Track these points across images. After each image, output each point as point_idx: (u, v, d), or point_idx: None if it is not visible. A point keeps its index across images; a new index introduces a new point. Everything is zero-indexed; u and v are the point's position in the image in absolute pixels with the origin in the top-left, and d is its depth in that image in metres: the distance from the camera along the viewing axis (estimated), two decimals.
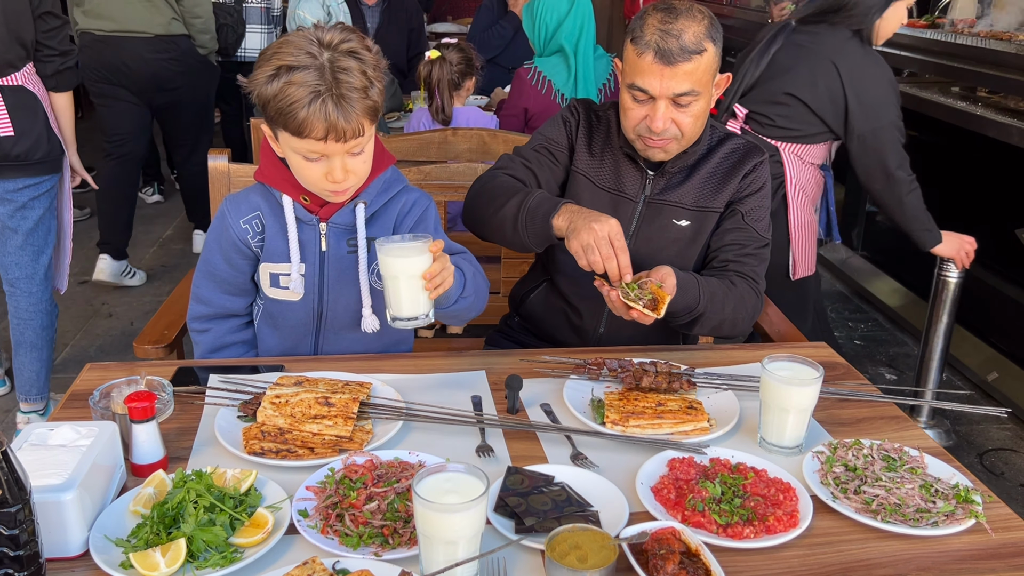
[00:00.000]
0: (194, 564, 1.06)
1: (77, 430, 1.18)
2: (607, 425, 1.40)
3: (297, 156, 1.45)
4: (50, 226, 2.76)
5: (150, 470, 1.23)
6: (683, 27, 1.55)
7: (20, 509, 0.97)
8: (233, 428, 1.37)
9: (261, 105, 1.42)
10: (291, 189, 1.56)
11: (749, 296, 1.71)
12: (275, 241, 1.59)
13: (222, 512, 1.11)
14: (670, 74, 1.56)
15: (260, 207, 1.60)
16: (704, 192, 1.75)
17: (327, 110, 1.36)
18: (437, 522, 1.01)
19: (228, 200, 1.61)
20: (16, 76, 2.54)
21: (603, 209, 1.71)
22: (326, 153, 1.42)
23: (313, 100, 1.36)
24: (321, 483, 1.22)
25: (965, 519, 1.20)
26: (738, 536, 1.14)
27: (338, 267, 1.61)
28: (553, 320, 1.89)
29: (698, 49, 1.56)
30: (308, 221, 1.58)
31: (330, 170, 1.44)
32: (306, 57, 1.38)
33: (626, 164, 1.76)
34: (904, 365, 3.58)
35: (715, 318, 1.65)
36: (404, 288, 1.39)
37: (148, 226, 5.01)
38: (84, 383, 1.51)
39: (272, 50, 1.42)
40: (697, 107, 1.62)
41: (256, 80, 1.41)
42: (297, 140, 1.41)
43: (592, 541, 1.04)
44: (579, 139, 1.80)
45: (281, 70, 1.38)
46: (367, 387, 1.47)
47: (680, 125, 1.63)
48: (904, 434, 1.44)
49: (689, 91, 1.58)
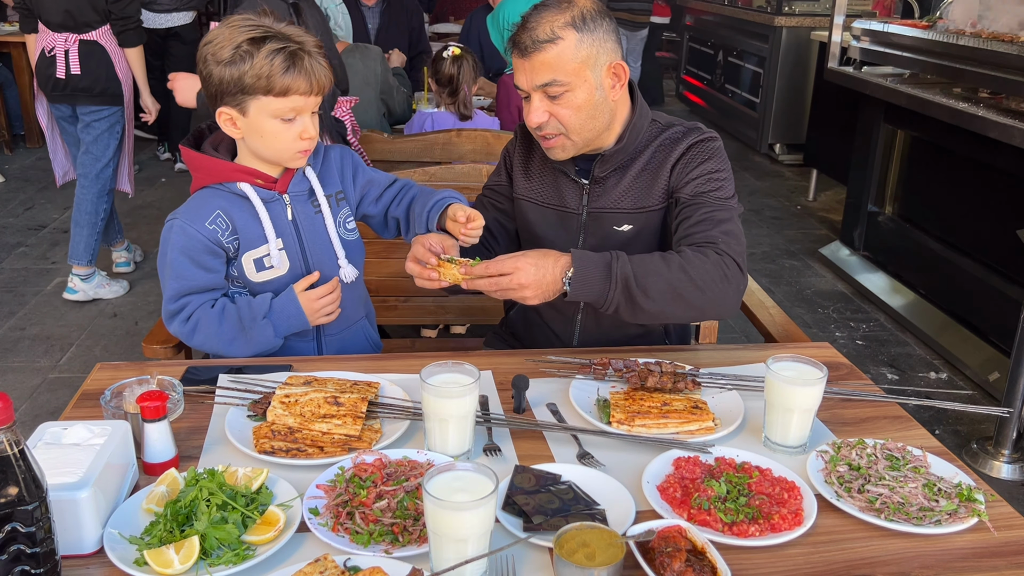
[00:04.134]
0: (207, 561, 1.07)
1: (90, 429, 1.19)
2: (613, 425, 1.41)
3: (273, 121, 1.56)
4: (108, 143, 3.82)
5: (162, 468, 1.25)
6: (541, 19, 1.58)
7: (37, 507, 0.98)
8: (243, 427, 1.39)
9: (228, 83, 1.53)
10: (241, 177, 1.64)
11: (700, 259, 1.53)
12: (247, 229, 1.65)
13: (234, 510, 1.13)
14: (528, 67, 1.60)
15: (218, 206, 1.64)
16: (639, 192, 1.71)
17: (305, 65, 1.53)
18: (447, 520, 1.02)
19: (178, 216, 1.63)
20: (92, 34, 3.65)
21: (551, 224, 1.78)
22: (302, 110, 1.57)
23: (293, 60, 1.52)
24: (331, 481, 1.23)
25: (968, 518, 1.21)
26: (743, 534, 1.15)
27: (310, 230, 1.71)
28: (533, 332, 1.91)
29: (550, 38, 1.56)
30: (271, 198, 1.67)
31: (304, 127, 1.58)
32: (261, 31, 1.53)
33: (562, 178, 1.77)
34: (905, 365, 3.60)
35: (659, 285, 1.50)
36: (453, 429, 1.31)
37: (153, 225, 5.03)
38: (95, 383, 1.53)
39: (220, 37, 1.53)
40: (573, 99, 1.60)
41: (218, 63, 1.52)
42: (280, 101, 1.54)
43: (600, 539, 1.06)
44: (515, 168, 1.84)
45: (243, 44, 1.51)
46: (375, 387, 1.48)
47: (560, 119, 1.62)
48: (907, 434, 1.45)
49: (551, 81, 1.58)
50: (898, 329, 3.94)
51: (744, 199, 5.77)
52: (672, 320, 1.64)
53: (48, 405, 3.11)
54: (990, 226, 3.58)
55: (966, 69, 3.50)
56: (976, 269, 3.64)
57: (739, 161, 6.66)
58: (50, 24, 3.62)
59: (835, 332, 3.90)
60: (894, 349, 3.75)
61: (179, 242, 1.62)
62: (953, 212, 3.89)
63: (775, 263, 4.74)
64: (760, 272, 4.56)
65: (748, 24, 6.93)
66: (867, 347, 3.75)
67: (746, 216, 5.44)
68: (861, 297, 4.29)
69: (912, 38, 3.89)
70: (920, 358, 3.67)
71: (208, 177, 1.65)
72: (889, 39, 4.11)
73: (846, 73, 4.42)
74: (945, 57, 3.66)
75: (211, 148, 1.68)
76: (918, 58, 3.87)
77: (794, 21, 6.37)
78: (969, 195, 3.76)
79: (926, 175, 4.17)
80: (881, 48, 4.18)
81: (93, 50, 3.65)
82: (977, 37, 3.46)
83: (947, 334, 3.71)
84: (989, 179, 3.57)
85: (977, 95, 3.59)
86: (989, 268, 3.57)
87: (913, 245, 4.12)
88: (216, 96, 1.57)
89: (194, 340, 1.65)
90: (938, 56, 3.71)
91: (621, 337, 1.81)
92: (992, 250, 3.57)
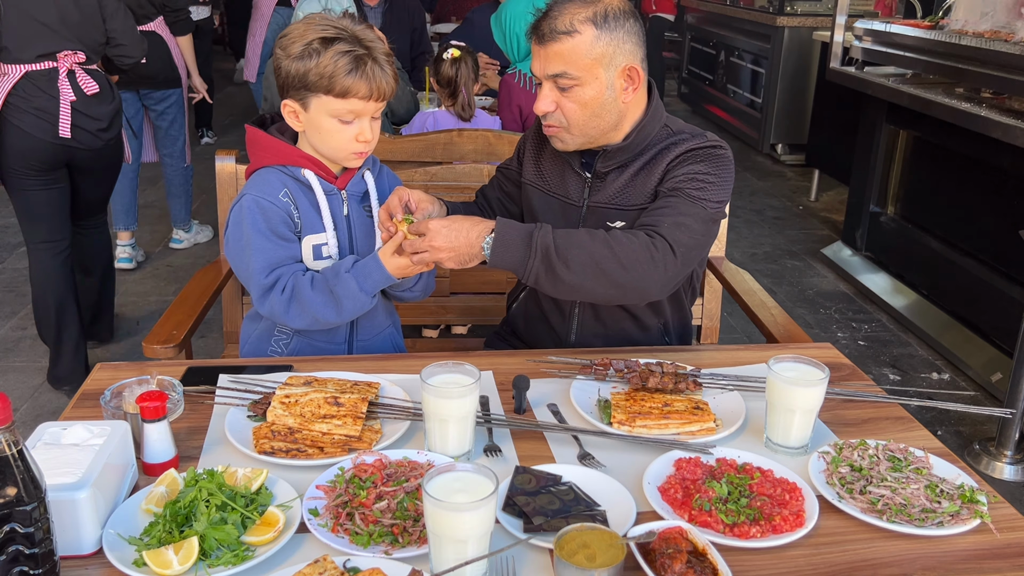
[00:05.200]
0: (206, 562, 1.07)
1: (90, 429, 1.19)
2: (614, 425, 1.41)
3: (332, 120, 1.59)
4: (180, 122, 4.37)
5: (161, 469, 1.25)
6: (564, 10, 1.59)
7: (36, 507, 0.98)
8: (243, 428, 1.38)
9: (294, 77, 1.56)
10: (306, 164, 1.66)
11: (628, 238, 1.54)
12: (307, 214, 1.67)
13: (234, 511, 1.12)
14: (543, 54, 1.61)
15: (286, 184, 1.65)
16: (634, 190, 1.71)
17: (368, 70, 1.55)
18: (447, 521, 1.02)
19: (248, 191, 1.64)
20: (150, 25, 4.01)
21: (554, 213, 1.80)
22: (362, 114, 1.59)
23: (357, 63, 1.55)
24: (331, 482, 1.23)
25: (970, 519, 1.20)
26: (745, 535, 1.15)
27: (361, 230, 1.74)
28: (533, 327, 1.92)
29: (568, 30, 1.57)
30: (330, 191, 1.69)
31: (361, 131, 1.61)
32: (334, 31, 1.56)
33: (568, 170, 1.78)
34: (907, 365, 3.59)
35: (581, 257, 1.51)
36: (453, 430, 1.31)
37: (154, 226, 5.03)
38: (95, 383, 1.53)
39: (296, 31, 1.58)
40: (581, 94, 1.61)
41: (288, 56, 1.56)
42: (340, 102, 1.56)
43: (600, 540, 1.05)
44: (527, 154, 1.87)
45: (315, 43, 1.54)
46: (375, 387, 1.48)
47: (565, 111, 1.63)
48: (909, 435, 1.45)
49: (562, 72, 1.59)
50: (900, 329, 3.94)
51: (746, 199, 5.78)
52: (593, 297, 1.61)
53: (49, 405, 3.11)
54: (992, 226, 3.57)
55: (968, 69, 3.49)
56: (979, 270, 3.63)
57: (741, 161, 6.65)
58: None
59: (837, 332, 3.89)
60: (896, 350, 3.74)
61: (254, 217, 1.61)
62: (955, 212, 3.88)
63: (777, 263, 4.73)
64: (762, 272, 4.56)
65: (750, 24, 6.93)
66: (869, 347, 3.75)
67: (748, 216, 5.45)
68: (863, 297, 4.29)
69: (914, 38, 3.88)
70: (922, 359, 3.66)
71: (273, 158, 1.66)
72: (891, 39, 4.10)
73: (848, 73, 4.41)
74: (947, 57, 3.65)
75: (277, 132, 1.70)
76: (920, 58, 3.86)
77: (796, 21, 6.36)
78: (972, 195, 3.75)
79: (928, 175, 4.16)
80: (883, 48, 4.18)
81: (152, 39, 3.87)
82: (980, 37, 3.45)
83: (949, 335, 3.70)
84: (992, 179, 3.57)
85: (980, 95, 3.58)
86: (992, 268, 3.57)
87: (915, 245, 4.11)
88: (283, 88, 1.61)
89: (290, 312, 1.61)
90: (940, 56, 3.71)
91: (619, 334, 1.81)
92: (994, 251, 3.57)
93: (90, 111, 2.89)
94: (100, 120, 2.93)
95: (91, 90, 2.88)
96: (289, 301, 1.60)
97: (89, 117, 2.89)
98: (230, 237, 1.65)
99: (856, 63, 4.42)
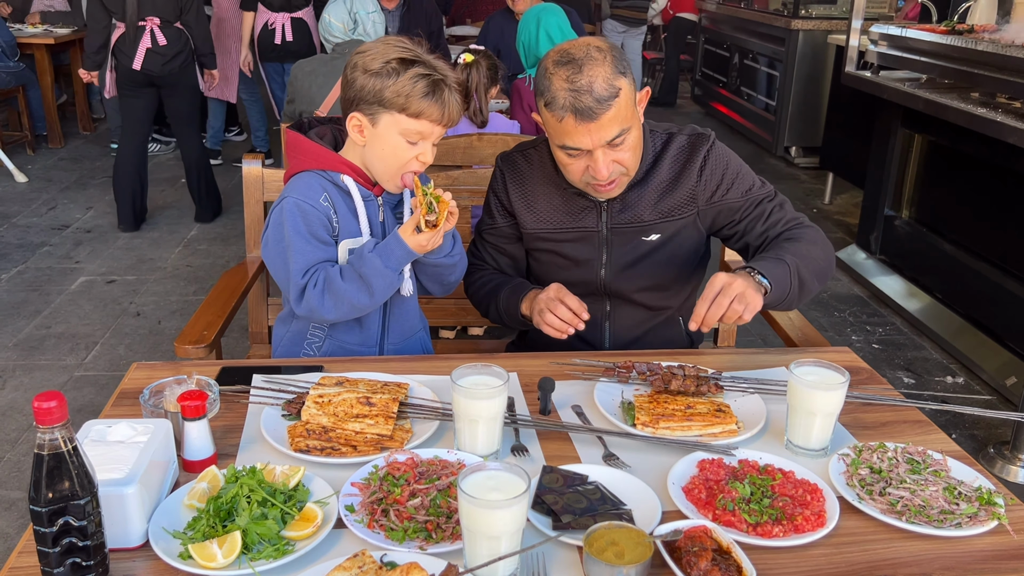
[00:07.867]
0: (249, 556, 1.11)
1: (134, 427, 1.23)
2: (638, 427, 1.44)
3: (400, 139, 1.63)
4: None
5: (202, 466, 1.29)
6: (591, 78, 1.55)
7: (88, 501, 1.02)
8: (278, 426, 1.42)
9: (368, 92, 1.60)
10: (346, 170, 1.70)
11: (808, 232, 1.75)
12: (344, 219, 1.71)
13: (274, 507, 1.16)
14: (596, 128, 1.58)
15: (326, 188, 1.69)
16: (663, 201, 1.76)
17: (443, 96, 1.61)
18: (481, 518, 1.05)
19: (289, 194, 1.67)
20: (299, 12, 5.38)
21: (573, 247, 1.81)
22: (428, 136, 1.64)
23: (434, 88, 1.60)
24: (365, 479, 1.27)
25: (988, 521, 1.23)
26: (768, 535, 1.18)
27: None
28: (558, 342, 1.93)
29: (612, 94, 1.56)
30: (368, 197, 1.73)
31: (423, 152, 1.65)
32: (412, 55, 1.61)
33: (575, 200, 1.80)
34: (922, 369, 3.61)
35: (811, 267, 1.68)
36: (482, 430, 1.35)
37: (174, 226, 5.09)
38: (132, 382, 1.57)
39: (374, 50, 1.62)
40: (631, 139, 1.64)
41: (365, 72, 1.60)
42: (412, 122, 1.61)
43: (628, 538, 1.09)
44: (515, 205, 1.84)
45: (393, 62, 1.59)
46: (404, 387, 1.52)
47: (622, 163, 1.66)
48: (927, 438, 1.47)
49: (619, 132, 1.60)
50: (914, 333, 3.95)
51: None
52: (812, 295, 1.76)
53: (75, 403, 3.16)
54: (1007, 230, 3.58)
55: (984, 74, 3.51)
56: (993, 273, 3.64)
57: (755, 164, 6.63)
58: (271, 6, 5.34)
59: (851, 336, 3.91)
60: (910, 353, 3.75)
61: (295, 219, 1.65)
62: (970, 216, 3.89)
63: None
64: None
65: (764, 27, 6.94)
66: (883, 351, 3.76)
67: None
68: (877, 301, 4.30)
69: (930, 43, 3.89)
70: (936, 362, 3.68)
71: (313, 162, 1.70)
72: (906, 43, 4.11)
73: (863, 77, 4.42)
74: (963, 62, 3.66)
75: (316, 137, 1.74)
76: (936, 63, 3.88)
77: (811, 24, 6.37)
78: (986, 199, 3.76)
79: (943, 179, 4.17)
80: (898, 52, 4.19)
81: (299, 25, 5.40)
82: (995, 43, 3.46)
83: (963, 338, 3.71)
84: (1006, 184, 3.58)
85: (995, 100, 3.59)
86: (1006, 272, 3.58)
87: (930, 249, 4.12)
88: (353, 101, 1.63)
89: (325, 304, 1.63)
90: (956, 61, 3.72)
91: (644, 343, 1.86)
92: (1009, 254, 3.58)
93: (158, 51, 4.58)
94: (164, 56, 4.60)
95: (161, 41, 4.57)
96: (323, 294, 1.63)
97: (158, 55, 4.59)
98: (270, 238, 1.69)
99: (871, 67, 4.44)
